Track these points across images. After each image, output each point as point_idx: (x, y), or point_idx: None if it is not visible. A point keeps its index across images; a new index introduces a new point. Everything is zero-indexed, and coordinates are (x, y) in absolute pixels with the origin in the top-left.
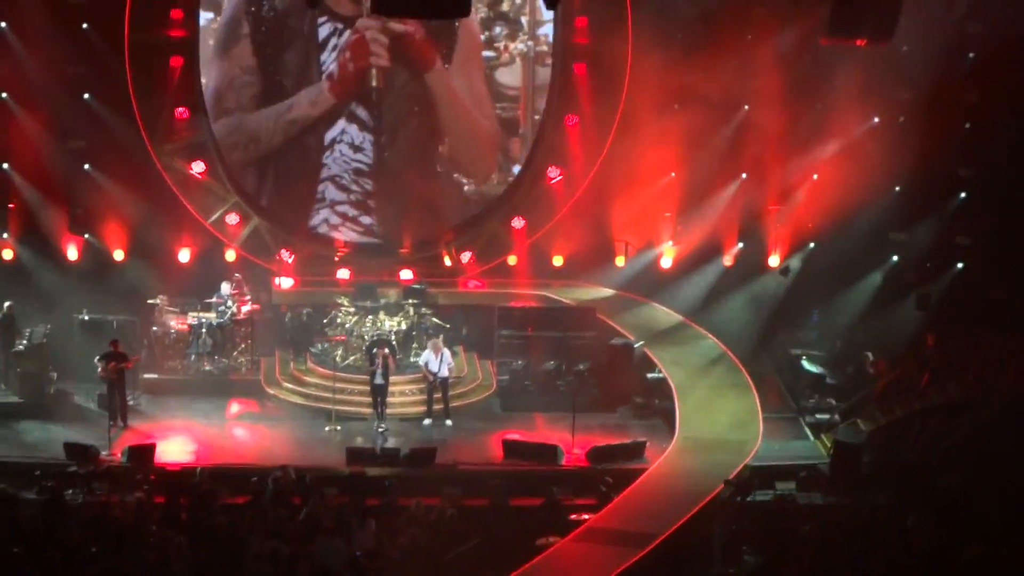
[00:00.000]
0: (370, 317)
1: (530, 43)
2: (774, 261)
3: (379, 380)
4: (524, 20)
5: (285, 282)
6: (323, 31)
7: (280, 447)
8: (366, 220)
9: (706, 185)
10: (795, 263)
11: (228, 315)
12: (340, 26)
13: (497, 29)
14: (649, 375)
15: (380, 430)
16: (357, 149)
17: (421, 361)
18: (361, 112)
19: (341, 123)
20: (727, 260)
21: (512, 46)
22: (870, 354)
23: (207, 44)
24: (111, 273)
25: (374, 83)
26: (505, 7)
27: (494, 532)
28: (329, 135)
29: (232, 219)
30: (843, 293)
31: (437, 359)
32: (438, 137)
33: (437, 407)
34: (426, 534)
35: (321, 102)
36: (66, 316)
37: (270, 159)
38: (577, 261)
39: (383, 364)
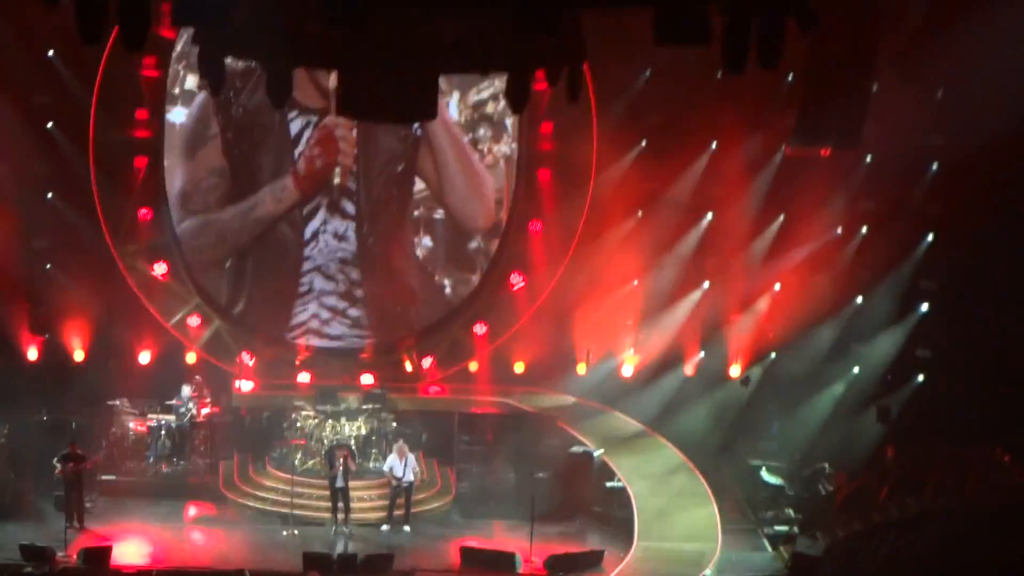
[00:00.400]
0: (330, 421)
1: (514, 146)
2: (735, 371)
3: (340, 483)
4: (508, 123)
5: (245, 385)
6: (294, 126)
7: (237, 551)
8: (354, 313)
9: (669, 293)
10: (755, 373)
11: (188, 417)
12: (314, 119)
13: (481, 131)
14: (608, 484)
15: (344, 531)
16: (341, 239)
17: (385, 467)
18: (342, 202)
19: (322, 214)
20: (688, 369)
21: (496, 148)
22: (827, 465)
23: (173, 144)
24: (71, 374)
25: (336, 180)
26: (488, 109)
27: None
28: (311, 227)
29: (194, 321)
30: (804, 404)
31: (402, 464)
32: (427, 201)
33: (397, 512)
34: None
35: (286, 198)
36: (25, 416)
37: (247, 256)
38: (538, 368)
39: (344, 466)
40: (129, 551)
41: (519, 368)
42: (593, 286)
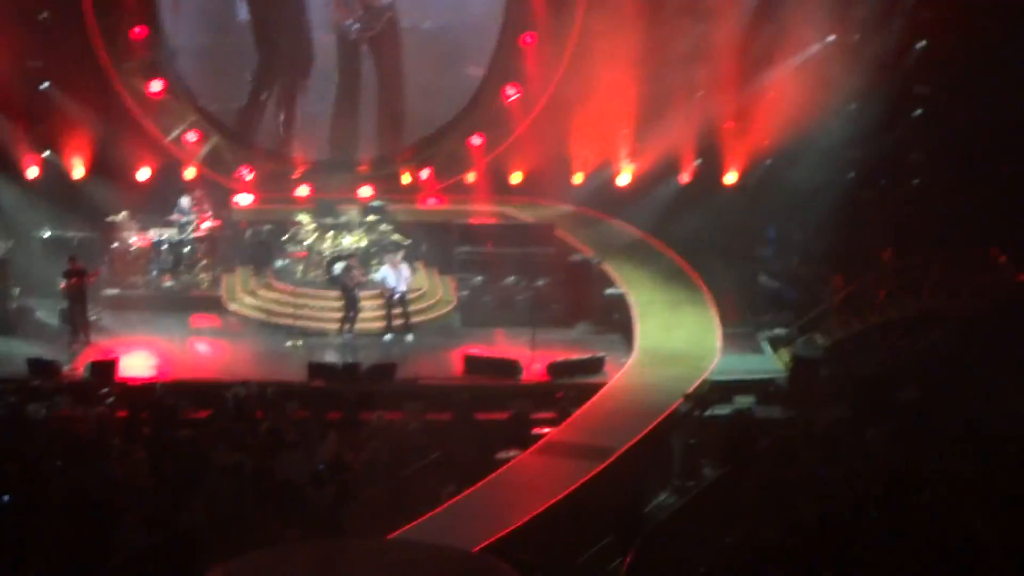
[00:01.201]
0: (330, 234)
1: None
2: (731, 178)
3: (356, 292)
4: None
5: (244, 199)
6: None
7: (242, 362)
8: None
9: (663, 102)
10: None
11: (189, 231)
12: None
13: None
14: (608, 291)
15: (349, 337)
16: None
17: (378, 278)
18: None
19: None
20: (684, 176)
21: None
22: (825, 268)
23: None
24: (72, 190)
25: None
26: None
27: (455, 446)
28: None
29: (191, 137)
30: (800, 208)
31: (395, 275)
32: None
33: (397, 323)
34: (387, 448)
35: None
36: (27, 233)
37: None
38: (535, 178)
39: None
40: (135, 364)
41: (516, 179)
42: (588, 96)
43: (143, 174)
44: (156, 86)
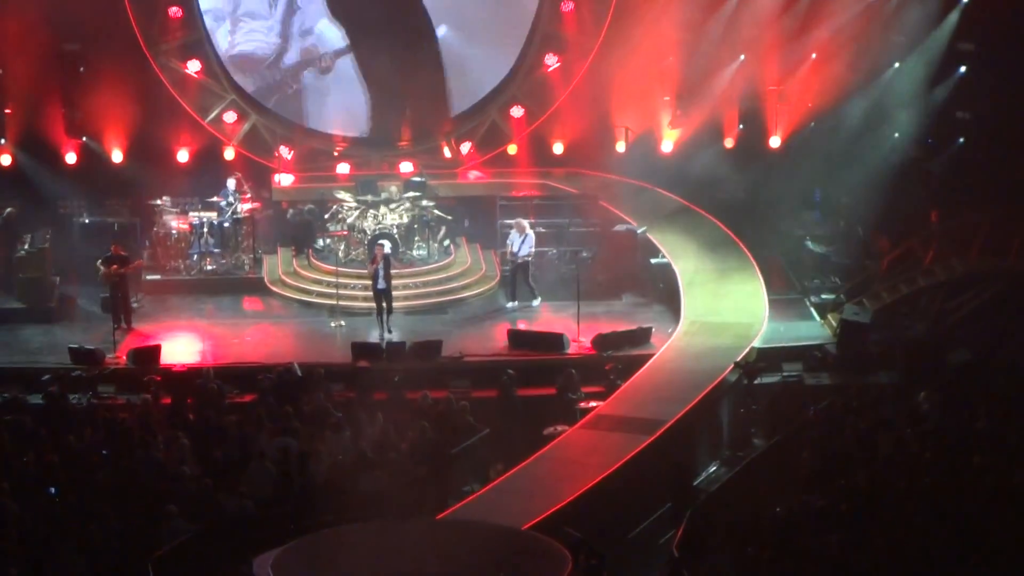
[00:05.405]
0: (371, 212)
1: None
2: (775, 142)
3: (381, 284)
4: None
5: (285, 179)
6: None
7: (285, 344)
8: None
9: (705, 67)
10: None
11: (229, 214)
12: None
13: None
14: (653, 260)
15: (387, 335)
16: None
17: (509, 240)
18: None
19: None
20: (728, 142)
21: None
22: (871, 231)
23: None
24: (111, 175)
25: None
26: None
27: (502, 423)
28: None
29: (230, 117)
30: (845, 172)
31: (520, 239)
32: None
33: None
34: (434, 427)
35: None
36: (67, 220)
37: None
38: (577, 148)
39: (385, 265)
40: (177, 349)
41: (558, 149)
42: (629, 63)
43: (182, 157)
44: (194, 67)
